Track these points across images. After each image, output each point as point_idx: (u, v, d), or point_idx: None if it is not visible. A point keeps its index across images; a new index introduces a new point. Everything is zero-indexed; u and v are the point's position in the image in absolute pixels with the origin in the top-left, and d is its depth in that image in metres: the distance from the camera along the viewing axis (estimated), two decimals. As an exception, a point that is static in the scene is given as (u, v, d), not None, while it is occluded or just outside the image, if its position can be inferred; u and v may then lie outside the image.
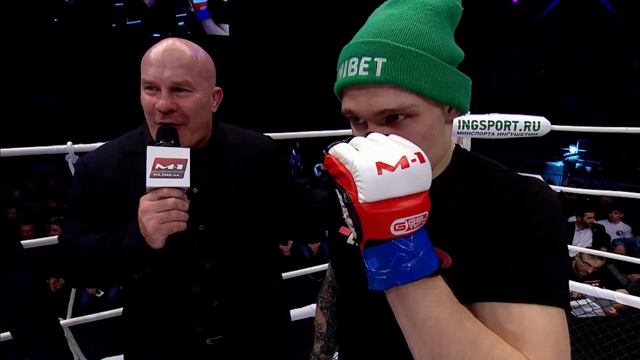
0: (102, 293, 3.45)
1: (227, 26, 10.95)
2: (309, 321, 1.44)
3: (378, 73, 0.44)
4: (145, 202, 0.64)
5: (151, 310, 0.82)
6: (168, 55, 0.72)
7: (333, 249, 0.67)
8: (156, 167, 0.63)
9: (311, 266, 1.71)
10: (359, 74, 0.45)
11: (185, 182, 0.65)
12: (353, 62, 0.46)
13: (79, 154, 1.06)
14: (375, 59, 0.44)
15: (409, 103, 0.45)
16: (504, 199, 0.47)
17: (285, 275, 1.47)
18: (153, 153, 0.64)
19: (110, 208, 0.77)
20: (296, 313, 1.50)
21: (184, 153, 0.66)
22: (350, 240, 0.60)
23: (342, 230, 0.63)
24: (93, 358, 1.24)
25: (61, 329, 0.89)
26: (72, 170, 1.09)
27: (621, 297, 1.61)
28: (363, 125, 0.49)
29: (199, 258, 0.79)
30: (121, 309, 1.27)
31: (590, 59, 11.98)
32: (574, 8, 11.96)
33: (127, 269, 0.70)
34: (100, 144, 1.12)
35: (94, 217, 0.77)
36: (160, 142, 0.67)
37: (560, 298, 0.44)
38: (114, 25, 10.76)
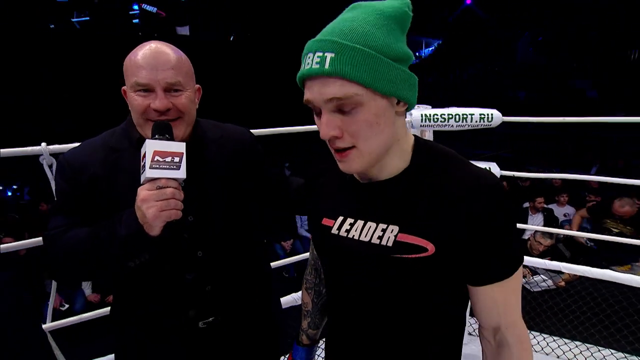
0: (66, 306, 3.28)
1: (187, 27, 10.62)
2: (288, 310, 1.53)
3: (326, 66, 0.51)
4: (144, 191, 0.68)
5: (143, 300, 0.84)
6: (158, 58, 0.75)
7: (318, 239, 0.71)
8: (155, 159, 0.67)
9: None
10: (312, 67, 0.52)
11: (182, 173, 0.70)
12: (309, 57, 0.53)
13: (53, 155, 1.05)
14: (325, 54, 0.51)
15: (353, 92, 0.51)
16: (473, 197, 0.55)
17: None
18: (152, 146, 0.68)
19: (96, 203, 0.79)
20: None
21: (180, 147, 0.70)
22: (334, 230, 0.66)
23: (325, 221, 0.68)
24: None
25: (42, 333, 0.88)
26: (48, 172, 1.07)
27: (566, 266, 1.82)
28: (320, 112, 0.56)
29: (191, 246, 0.82)
30: (102, 310, 1.27)
31: (534, 58, 12.97)
32: (522, 10, 12.86)
33: (123, 257, 0.72)
34: (76, 144, 1.12)
35: (79, 213, 0.79)
36: (156, 136, 0.71)
37: (520, 261, 0.59)
38: (52, 25, 9.94)
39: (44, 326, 1.12)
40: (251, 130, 1.04)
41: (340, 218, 0.65)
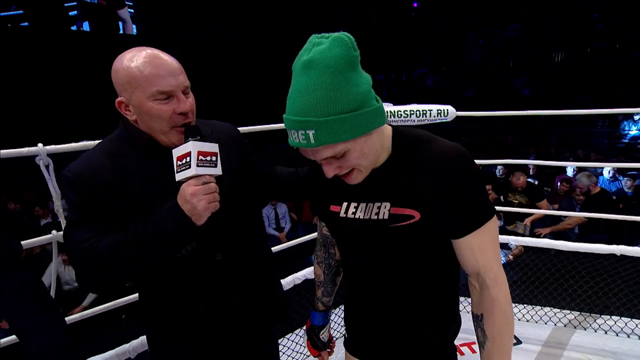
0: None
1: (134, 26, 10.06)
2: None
3: (312, 141, 0.62)
4: (191, 187, 0.75)
5: (176, 286, 0.88)
6: (170, 63, 0.80)
7: (329, 222, 0.86)
8: (199, 159, 0.75)
9: (283, 255, 1.85)
10: (301, 142, 0.64)
11: (219, 170, 0.79)
12: (294, 133, 0.64)
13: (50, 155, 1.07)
14: (307, 132, 0.62)
15: (340, 149, 0.64)
16: (444, 167, 0.69)
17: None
18: (197, 147, 0.75)
19: (113, 208, 0.81)
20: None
21: (215, 147, 0.79)
22: (342, 214, 0.80)
23: (333, 207, 0.81)
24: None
25: (66, 325, 0.89)
26: (45, 172, 1.08)
27: (514, 239, 2.12)
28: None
29: (215, 231, 0.88)
30: (109, 304, 1.29)
31: (478, 58, 14.06)
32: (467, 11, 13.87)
33: (173, 249, 0.79)
34: (74, 144, 1.15)
35: (100, 220, 0.80)
36: (189, 139, 0.77)
37: (491, 212, 0.74)
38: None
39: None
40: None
41: (345, 203, 0.80)
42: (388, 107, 2.21)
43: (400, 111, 2.21)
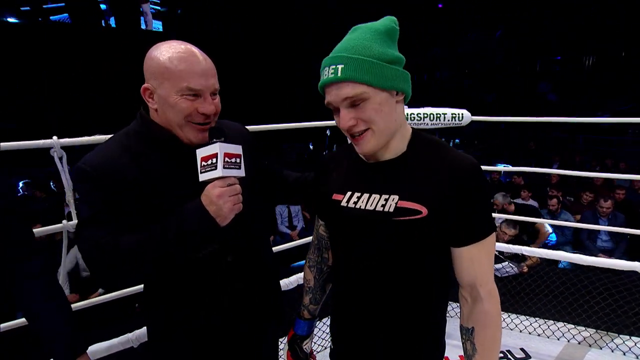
0: None
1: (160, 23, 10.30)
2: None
3: (339, 74, 0.69)
4: (217, 189, 0.75)
5: (185, 283, 0.87)
6: (205, 64, 0.81)
7: (328, 211, 0.84)
8: (225, 160, 0.76)
9: (294, 254, 1.85)
10: (329, 76, 0.70)
11: (242, 172, 0.79)
12: (326, 70, 0.71)
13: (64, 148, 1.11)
14: (337, 66, 0.69)
15: (361, 91, 0.68)
16: (457, 172, 0.71)
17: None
18: (223, 149, 0.76)
19: (132, 207, 0.79)
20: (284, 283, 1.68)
21: (239, 149, 0.79)
22: (344, 203, 0.79)
23: (335, 196, 0.82)
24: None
25: (75, 316, 0.91)
26: (58, 164, 1.13)
27: (527, 249, 2.05)
28: (338, 110, 0.73)
29: (230, 232, 0.86)
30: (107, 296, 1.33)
31: (502, 60, 13.67)
32: (489, 14, 13.50)
33: (195, 250, 0.79)
34: (87, 137, 1.18)
35: (119, 218, 0.77)
36: (214, 140, 0.77)
37: (493, 227, 0.75)
38: (26, 8, 9.36)
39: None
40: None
41: (349, 193, 0.80)
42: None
43: (414, 114, 2.17)
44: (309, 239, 1.91)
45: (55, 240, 3.51)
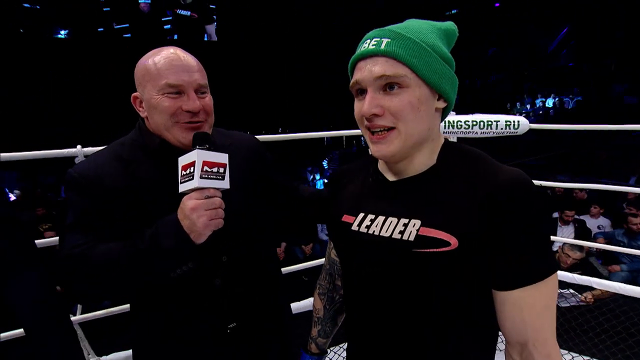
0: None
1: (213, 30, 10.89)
2: (301, 315, 1.53)
3: (382, 46, 0.57)
4: (192, 201, 0.68)
5: (169, 307, 0.81)
6: (185, 60, 0.78)
7: (337, 236, 0.72)
8: (204, 170, 0.68)
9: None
10: (369, 47, 0.58)
11: (226, 184, 0.72)
12: (366, 42, 0.59)
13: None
14: (382, 39, 0.58)
15: (403, 73, 0.56)
16: (498, 190, 0.55)
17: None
18: (202, 156, 0.69)
19: (118, 216, 0.76)
20: (296, 306, 1.57)
21: (224, 158, 0.72)
22: (354, 227, 0.67)
23: (346, 218, 0.69)
24: (102, 353, 1.28)
25: (73, 327, 0.89)
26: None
27: (597, 282, 1.73)
28: (363, 94, 0.60)
29: (216, 252, 0.82)
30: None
31: (570, 60, 12.42)
32: (554, 11, 12.38)
33: (168, 267, 0.71)
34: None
35: (100, 227, 0.75)
36: (197, 147, 0.71)
37: (554, 267, 0.56)
38: (100, 29, 10.58)
39: (73, 318, 1.18)
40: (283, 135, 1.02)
41: (361, 214, 0.67)
42: (448, 117, 1.98)
43: (461, 121, 1.96)
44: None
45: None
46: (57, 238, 1.15)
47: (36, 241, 1.05)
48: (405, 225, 0.60)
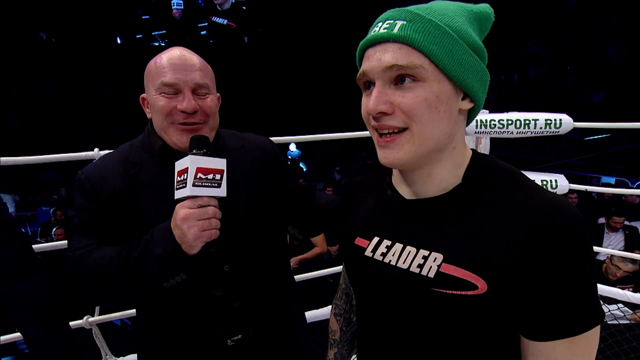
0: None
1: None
2: (326, 323, 1.45)
3: (395, 30, 0.47)
4: (184, 210, 0.65)
5: (169, 316, 0.80)
6: (185, 59, 0.75)
7: (349, 260, 0.65)
8: (198, 177, 0.64)
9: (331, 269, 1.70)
10: (380, 31, 0.48)
11: (223, 191, 0.67)
12: (378, 25, 0.49)
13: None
14: (396, 21, 0.47)
15: (418, 63, 0.46)
16: (543, 225, 0.45)
17: (302, 276, 1.49)
18: (196, 162, 0.65)
19: (119, 219, 0.76)
20: (315, 314, 1.52)
21: (221, 164, 0.68)
22: (368, 253, 0.59)
23: (358, 241, 0.62)
24: (120, 354, 1.29)
25: (73, 333, 0.89)
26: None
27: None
28: (371, 91, 0.50)
29: (218, 261, 0.79)
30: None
31: (622, 52, 11.45)
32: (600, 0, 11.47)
33: (159, 278, 0.69)
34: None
35: (103, 230, 0.76)
36: (194, 151, 0.67)
37: (598, 317, 0.46)
38: (139, 35, 11.16)
39: (90, 319, 1.20)
40: (296, 137, 0.98)
41: (376, 239, 0.58)
42: (480, 116, 1.84)
43: (495, 120, 1.81)
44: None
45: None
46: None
47: (46, 244, 1.09)
48: (425, 258, 0.51)
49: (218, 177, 0.67)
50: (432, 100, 0.47)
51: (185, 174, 0.65)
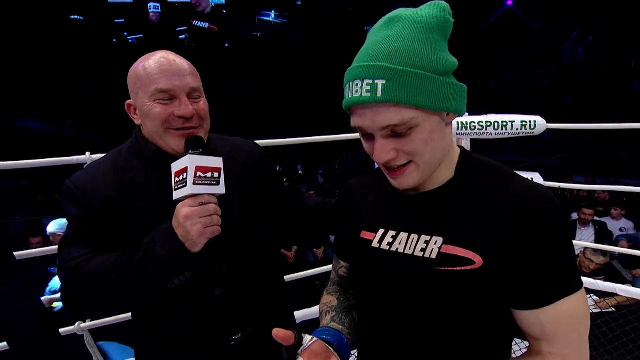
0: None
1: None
2: (315, 321, 1.48)
3: (379, 94, 0.49)
4: (186, 208, 0.66)
5: (169, 315, 0.80)
6: (176, 65, 0.75)
7: (355, 253, 0.68)
8: (197, 175, 0.66)
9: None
10: (363, 95, 0.51)
11: (221, 189, 0.69)
12: (357, 85, 0.51)
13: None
14: (375, 82, 0.50)
15: (409, 117, 0.51)
16: (528, 209, 0.53)
17: (290, 277, 1.51)
18: (194, 161, 0.66)
19: (113, 226, 0.75)
20: (305, 313, 1.54)
21: (218, 162, 0.69)
22: (375, 244, 0.64)
23: (364, 234, 0.66)
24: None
25: (60, 337, 0.88)
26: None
27: (623, 289, 1.64)
28: (371, 136, 0.55)
29: (216, 261, 0.80)
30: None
31: (587, 57, 12.09)
32: (568, 9, 12.07)
33: (164, 278, 0.69)
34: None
35: (97, 239, 0.74)
36: (190, 151, 0.69)
37: (578, 283, 0.54)
38: (114, 40, 10.88)
39: (82, 325, 1.18)
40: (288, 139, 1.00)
41: (381, 231, 0.64)
42: (460, 118, 1.92)
43: (474, 122, 1.90)
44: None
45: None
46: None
47: (43, 249, 1.06)
48: (427, 242, 0.58)
49: (216, 175, 0.69)
50: (427, 137, 0.53)
51: (185, 174, 0.66)
